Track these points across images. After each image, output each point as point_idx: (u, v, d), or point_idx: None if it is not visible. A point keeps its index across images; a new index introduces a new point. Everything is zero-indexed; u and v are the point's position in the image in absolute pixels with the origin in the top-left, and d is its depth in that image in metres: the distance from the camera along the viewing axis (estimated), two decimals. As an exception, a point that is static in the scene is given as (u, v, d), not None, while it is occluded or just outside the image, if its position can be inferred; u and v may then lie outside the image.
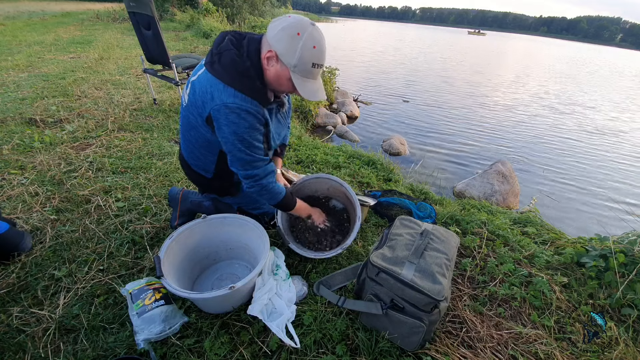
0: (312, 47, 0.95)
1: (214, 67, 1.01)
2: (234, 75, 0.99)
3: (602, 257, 1.49)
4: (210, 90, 1.01)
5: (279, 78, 1.01)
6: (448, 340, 1.15)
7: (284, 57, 0.96)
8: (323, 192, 1.66)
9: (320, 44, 0.97)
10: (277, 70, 0.99)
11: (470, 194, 3.12)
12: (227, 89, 0.99)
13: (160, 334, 1.04)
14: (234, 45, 1.01)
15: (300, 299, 1.26)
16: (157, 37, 2.69)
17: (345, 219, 1.61)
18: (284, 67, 0.98)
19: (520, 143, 4.98)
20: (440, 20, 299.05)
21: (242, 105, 0.99)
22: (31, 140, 2.29)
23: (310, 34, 0.94)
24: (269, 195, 1.20)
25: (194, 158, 1.26)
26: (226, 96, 0.99)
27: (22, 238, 1.37)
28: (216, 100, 0.99)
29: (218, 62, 1.00)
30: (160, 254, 1.10)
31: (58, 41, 6.38)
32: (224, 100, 0.98)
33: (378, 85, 8.06)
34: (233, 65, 0.99)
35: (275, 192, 1.20)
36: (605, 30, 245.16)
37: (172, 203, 1.54)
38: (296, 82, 0.98)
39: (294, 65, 0.96)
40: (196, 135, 1.15)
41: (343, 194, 1.56)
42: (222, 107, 0.99)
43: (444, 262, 1.11)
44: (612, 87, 12.10)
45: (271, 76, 1.02)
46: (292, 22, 0.94)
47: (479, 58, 18.21)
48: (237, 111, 0.99)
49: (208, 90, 1.01)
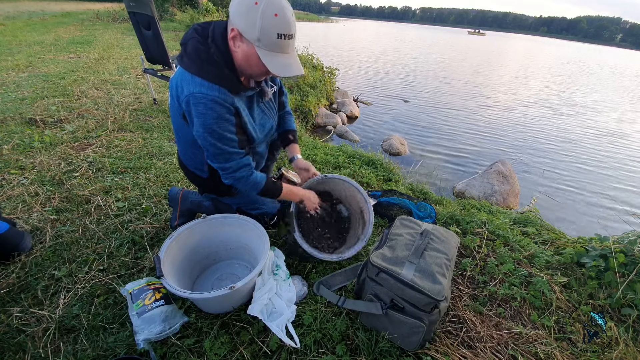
0: (273, 15, 0.85)
1: (183, 60, 0.97)
2: (198, 64, 0.94)
3: (602, 257, 1.49)
4: (181, 84, 0.98)
5: (247, 58, 0.94)
6: (448, 340, 1.15)
7: (246, 33, 0.88)
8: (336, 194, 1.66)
9: (283, 12, 0.86)
10: (243, 49, 0.93)
11: (470, 194, 3.12)
12: (195, 79, 0.95)
13: (160, 334, 1.04)
14: (198, 33, 0.97)
15: (300, 299, 1.26)
16: (157, 37, 2.69)
17: (345, 228, 1.60)
18: (249, 44, 0.90)
19: (520, 143, 4.98)
20: (440, 20, 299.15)
21: (208, 94, 0.94)
22: (31, 140, 2.29)
23: (269, 1, 0.84)
24: (248, 186, 1.16)
25: (187, 158, 1.26)
26: (193, 86, 0.94)
27: (22, 238, 1.37)
28: (185, 91, 0.96)
29: (184, 53, 0.97)
30: (160, 254, 1.10)
31: (58, 41, 6.38)
32: (191, 90, 0.94)
33: (378, 85, 8.06)
34: (197, 53, 0.94)
35: (254, 183, 1.16)
36: (605, 30, 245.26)
37: (172, 203, 1.54)
38: (263, 58, 0.90)
39: (257, 38, 0.88)
40: (184, 134, 1.14)
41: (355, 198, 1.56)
42: (190, 98, 0.95)
43: (444, 262, 1.11)
44: (612, 88, 12.10)
45: (240, 58, 0.96)
46: None
47: (479, 58, 18.22)
48: (204, 101, 0.95)
49: (179, 84, 0.98)
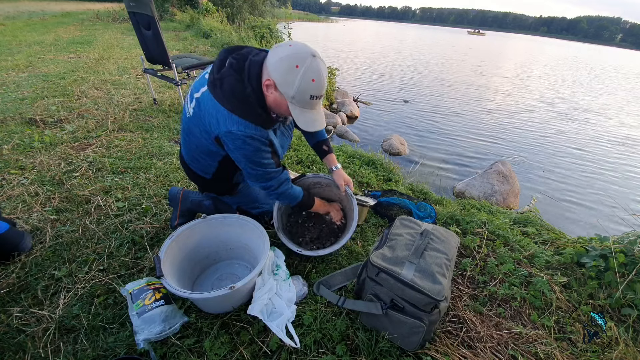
0: (310, 81, 0.94)
1: (216, 91, 1.02)
2: (235, 103, 1.01)
3: (602, 257, 1.49)
4: (216, 115, 1.04)
5: (278, 105, 1.03)
6: (448, 340, 1.15)
7: (282, 88, 0.96)
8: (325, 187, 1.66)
9: (320, 77, 0.95)
10: (275, 97, 1.01)
11: (470, 194, 3.12)
12: (232, 116, 1.02)
13: (160, 334, 1.04)
14: (234, 70, 1.01)
15: (300, 299, 1.26)
16: (157, 37, 2.68)
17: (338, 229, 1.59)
18: (282, 96, 0.99)
19: (520, 143, 4.98)
20: (440, 20, 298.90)
21: (245, 132, 1.02)
22: (31, 140, 2.29)
23: (309, 66, 0.93)
24: (288, 200, 1.30)
25: (194, 161, 1.28)
26: (231, 123, 1.02)
27: (22, 238, 1.37)
28: (222, 127, 1.03)
29: (220, 87, 1.01)
30: (160, 254, 1.10)
31: (58, 41, 6.38)
32: (229, 128, 1.02)
33: (378, 86, 8.06)
34: (233, 92, 1.00)
35: (293, 197, 1.30)
36: (605, 30, 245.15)
37: (172, 203, 1.54)
38: (294, 113, 1.00)
39: (292, 96, 0.97)
40: (198, 143, 1.17)
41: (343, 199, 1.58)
42: (228, 134, 1.03)
43: (444, 262, 1.11)
44: (613, 88, 12.09)
45: (271, 102, 1.04)
46: (292, 53, 0.93)
47: (480, 58, 18.22)
48: (242, 138, 1.03)
49: (213, 114, 1.04)
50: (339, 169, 1.49)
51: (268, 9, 14.98)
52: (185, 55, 3.19)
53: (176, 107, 3.25)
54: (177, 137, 2.64)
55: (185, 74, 3.00)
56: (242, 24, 11.27)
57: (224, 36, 7.82)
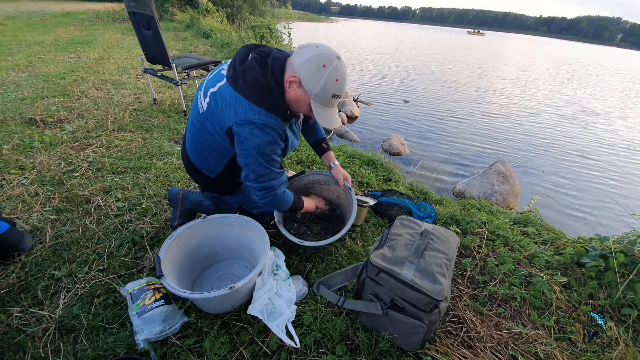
0: (335, 80, 1.00)
1: (238, 83, 1.03)
2: (258, 94, 1.03)
3: (602, 257, 1.49)
4: (235, 107, 1.04)
5: (298, 102, 1.06)
6: (448, 340, 1.15)
7: (307, 85, 1.01)
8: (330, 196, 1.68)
9: (343, 77, 1.02)
10: (297, 94, 1.04)
11: (470, 194, 3.12)
12: (252, 107, 1.03)
13: (160, 334, 1.04)
14: (258, 64, 1.04)
15: (300, 299, 1.26)
16: (157, 37, 2.68)
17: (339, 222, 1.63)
18: (305, 93, 1.03)
19: (520, 143, 4.98)
20: (440, 20, 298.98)
21: (266, 121, 1.04)
22: (31, 140, 2.29)
23: (335, 67, 0.99)
24: (280, 204, 1.26)
25: (201, 160, 1.27)
26: (251, 113, 1.03)
27: (22, 238, 1.37)
28: (240, 116, 1.03)
29: (242, 79, 1.03)
30: (160, 254, 1.10)
31: (58, 41, 6.38)
32: (249, 117, 1.03)
33: (378, 85, 8.06)
34: (257, 84, 1.02)
35: (286, 201, 1.27)
36: (605, 30, 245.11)
37: (172, 203, 1.54)
38: (315, 110, 1.05)
39: (315, 94, 1.02)
40: (210, 140, 1.17)
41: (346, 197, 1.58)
42: (246, 123, 1.03)
43: (444, 262, 1.11)
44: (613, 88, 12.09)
45: (291, 98, 1.07)
46: (320, 53, 0.99)
47: (479, 58, 18.22)
48: (262, 127, 1.04)
49: (232, 106, 1.05)
50: (337, 165, 1.54)
51: (268, 9, 15.00)
52: (185, 55, 3.19)
53: (176, 107, 3.25)
54: (177, 137, 2.64)
55: (185, 74, 3.00)
56: (242, 24, 11.26)
57: (224, 36, 7.82)
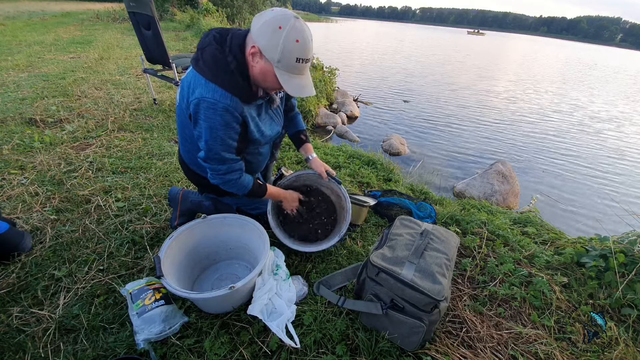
0: (294, 41, 0.92)
1: (198, 63, 1.01)
2: (215, 71, 0.99)
3: (602, 257, 1.49)
4: (193, 86, 1.02)
5: (264, 74, 1.00)
6: (448, 340, 1.15)
7: (267, 52, 0.94)
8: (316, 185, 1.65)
9: (304, 38, 0.93)
10: (261, 66, 0.98)
11: (470, 194, 3.12)
12: (208, 84, 0.99)
13: (160, 334, 1.04)
14: (216, 41, 1.01)
15: (300, 299, 1.26)
16: (157, 37, 2.69)
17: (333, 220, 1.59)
18: (268, 62, 0.96)
19: (521, 143, 4.98)
20: (440, 20, 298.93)
21: (220, 101, 0.99)
22: (31, 140, 2.29)
23: (293, 26, 0.91)
24: (234, 188, 1.20)
25: (190, 157, 1.27)
26: (206, 91, 0.99)
27: (22, 238, 1.37)
28: (196, 94, 1.00)
29: (201, 58, 1.01)
30: (160, 254, 1.10)
31: (58, 41, 6.38)
32: (203, 95, 0.99)
33: (378, 85, 8.06)
34: (214, 61, 0.99)
35: (242, 186, 1.20)
36: (605, 30, 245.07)
37: (172, 203, 1.54)
38: (281, 78, 0.97)
39: (277, 60, 0.94)
40: (190, 132, 1.15)
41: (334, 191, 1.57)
42: (200, 102, 0.99)
43: (444, 262, 1.11)
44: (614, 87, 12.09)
45: (256, 73, 1.01)
46: (274, 15, 0.92)
47: (479, 58, 18.21)
48: (214, 107, 0.99)
49: (192, 86, 1.03)
50: (315, 157, 1.50)
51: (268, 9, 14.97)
52: (185, 55, 3.19)
53: (176, 107, 3.25)
54: (177, 137, 2.64)
55: (184, 74, 3.00)
56: (242, 24, 11.27)
57: (224, 36, 7.80)
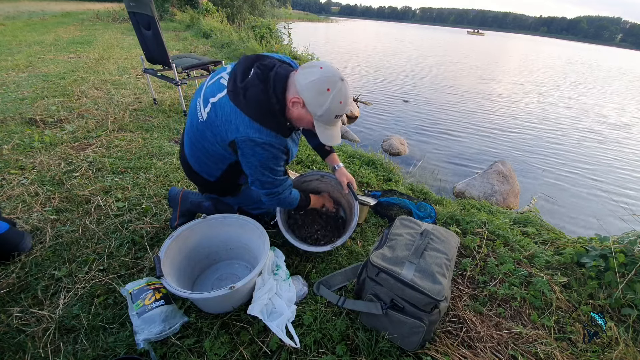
0: (338, 102, 1.00)
1: (239, 99, 1.02)
2: (259, 112, 1.03)
3: (602, 257, 1.49)
4: (235, 122, 1.04)
5: (300, 120, 1.07)
6: (448, 340, 1.15)
7: (310, 107, 1.01)
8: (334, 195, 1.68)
9: (346, 99, 1.02)
10: (300, 113, 1.04)
11: (470, 194, 3.12)
12: (253, 124, 1.03)
13: (160, 334, 1.04)
14: (260, 81, 1.03)
15: (300, 299, 1.26)
16: (157, 37, 2.68)
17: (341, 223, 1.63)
18: (308, 113, 1.03)
19: (521, 143, 4.98)
20: (440, 20, 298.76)
21: (267, 140, 1.05)
22: (31, 140, 2.29)
23: (339, 90, 0.99)
24: (287, 204, 1.30)
25: (200, 164, 1.26)
26: (252, 131, 1.03)
27: (22, 238, 1.37)
28: (242, 133, 1.03)
29: (243, 95, 1.02)
30: (160, 254, 1.10)
31: (58, 41, 6.37)
32: (250, 135, 1.03)
33: (378, 86, 8.06)
34: (259, 102, 1.02)
35: (292, 200, 1.29)
36: (605, 30, 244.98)
37: (171, 203, 1.54)
38: (318, 129, 1.06)
39: (320, 115, 1.02)
40: (210, 148, 1.16)
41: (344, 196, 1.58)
42: (248, 141, 1.04)
43: (444, 262, 1.11)
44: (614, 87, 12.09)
45: (294, 116, 1.07)
46: (323, 76, 0.97)
47: (479, 59, 18.21)
48: (263, 145, 1.05)
49: (232, 121, 1.04)
50: (341, 167, 1.52)
51: (268, 9, 15.00)
52: (185, 55, 3.19)
53: (176, 107, 3.25)
54: (177, 137, 2.64)
55: (185, 74, 3.00)
56: (242, 24, 11.26)
57: (224, 36, 7.81)
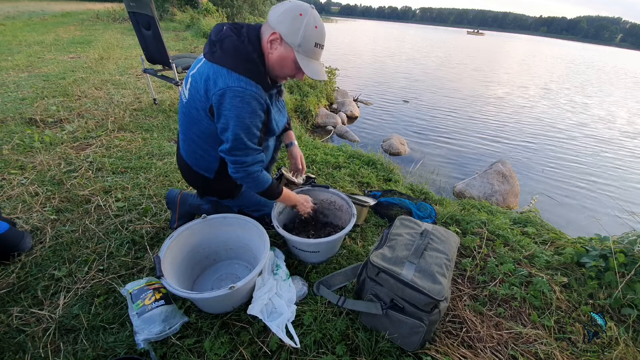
0: (314, 27, 0.99)
1: (215, 55, 1.01)
2: (237, 60, 1.00)
3: (602, 257, 1.49)
4: (214, 77, 1.00)
5: (282, 60, 1.03)
6: (448, 340, 1.15)
7: (288, 38, 0.98)
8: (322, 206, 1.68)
9: (321, 25, 1.01)
10: (280, 52, 1.01)
11: (470, 194, 3.12)
12: (232, 74, 0.99)
13: (160, 334, 1.04)
14: (234, 32, 1.02)
15: (300, 299, 1.26)
16: (157, 37, 2.69)
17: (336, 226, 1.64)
18: (288, 48, 1.00)
19: (521, 143, 4.98)
20: (440, 20, 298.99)
21: (247, 88, 0.99)
22: (31, 140, 2.29)
23: (312, 15, 0.98)
24: (254, 183, 1.18)
25: (195, 157, 1.24)
26: (231, 80, 0.98)
27: (22, 238, 1.37)
28: (219, 86, 0.99)
29: (220, 49, 1.01)
30: (160, 254, 1.10)
31: (58, 41, 6.37)
32: (229, 84, 0.98)
33: (378, 86, 8.06)
34: (236, 50, 1.00)
35: (262, 181, 1.18)
36: (605, 30, 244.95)
37: (170, 205, 1.53)
38: (301, 62, 1.01)
39: (299, 44, 0.99)
40: (198, 130, 1.14)
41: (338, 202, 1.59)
42: (226, 90, 0.98)
43: (444, 262, 1.11)
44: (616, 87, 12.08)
45: (274, 60, 1.03)
46: (293, 4, 0.98)
47: (479, 58, 18.21)
48: (242, 94, 0.99)
49: (211, 78, 1.01)
50: (294, 145, 1.55)
51: (268, 9, 14.96)
52: (185, 55, 3.19)
53: (176, 107, 3.25)
54: (177, 137, 2.64)
55: (185, 74, 3.00)
56: (243, 23, 11.23)
57: (224, 36, 7.80)
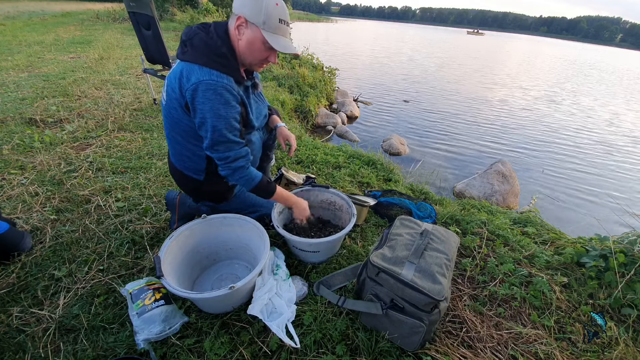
0: (275, 5, 1.02)
1: (187, 53, 1.05)
2: (208, 55, 1.02)
3: (602, 257, 1.49)
4: (187, 74, 1.02)
5: (251, 44, 1.05)
6: (448, 340, 1.15)
7: (253, 18, 1.01)
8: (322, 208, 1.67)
9: (282, 3, 1.05)
10: (248, 36, 1.04)
11: (470, 194, 3.12)
12: (203, 69, 1.01)
13: (160, 334, 1.04)
14: (201, 30, 1.07)
15: (300, 299, 1.26)
16: (157, 37, 2.69)
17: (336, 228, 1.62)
18: (254, 28, 1.03)
19: (521, 143, 4.98)
20: (440, 20, 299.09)
21: (218, 81, 1.01)
22: (31, 140, 2.29)
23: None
24: (243, 179, 1.17)
25: (182, 159, 1.24)
26: (202, 74, 1.00)
27: (22, 238, 1.37)
28: (192, 80, 1.01)
29: (190, 47, 1.04)
30: (160, 254, 1.10)
31: (58, 41, 6.38)
32: (200, 78, 1.00)
33: (378, 86, 8.06)
34: (206, 46, 1.03)
35: (249, 177, 1.18)
36: (605, 30, 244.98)
37: (170, 207, 1.53)
38: (269, 39, 1.03)
39: (263, 21, 1.02)
40: (180, 130, 1.15)
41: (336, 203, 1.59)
42: (199, 85, 1.00)
43: (444, 262, 1.11)
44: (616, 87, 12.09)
45: (244, 46, 1.06)
46: None
47: (479, 58, 18.21)
48: (214, 87, 1.00)
49: (184, 75, 1.03)
50: (281, 126, 1.55)
51: (268, 9, 14.96)
52: (185, 55, 3.19)
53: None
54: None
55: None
56: (242, 24, 11.25)
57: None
